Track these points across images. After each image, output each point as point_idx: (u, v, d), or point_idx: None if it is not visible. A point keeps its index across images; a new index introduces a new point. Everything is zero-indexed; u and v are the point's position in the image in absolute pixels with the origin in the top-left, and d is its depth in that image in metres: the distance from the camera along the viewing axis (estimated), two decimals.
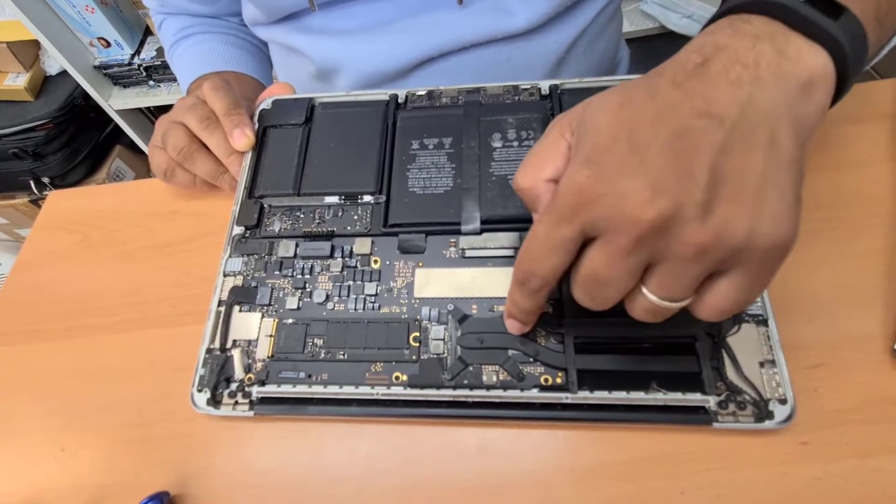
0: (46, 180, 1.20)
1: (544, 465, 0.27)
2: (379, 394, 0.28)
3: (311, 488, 0.28)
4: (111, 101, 1.17)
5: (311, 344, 0.29)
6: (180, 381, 0.30)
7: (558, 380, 0.27)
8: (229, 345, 0.30)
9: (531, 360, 0.27)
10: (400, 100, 0.36)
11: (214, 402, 0.29)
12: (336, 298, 0.30)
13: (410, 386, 0.28)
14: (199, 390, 0.29)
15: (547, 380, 0.27)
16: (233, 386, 0.29)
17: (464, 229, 0.31)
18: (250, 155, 0.36)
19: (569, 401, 0.26)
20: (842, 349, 0.28)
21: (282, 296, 0.31)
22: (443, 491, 0.27)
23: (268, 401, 0.29)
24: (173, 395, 0.31)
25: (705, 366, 0.26)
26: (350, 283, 0.31)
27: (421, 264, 0.31)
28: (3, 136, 1.13)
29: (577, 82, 0.34)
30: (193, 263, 0.37)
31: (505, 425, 0.28)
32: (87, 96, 1.17)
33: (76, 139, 1.20)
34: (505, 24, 0.43)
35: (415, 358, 0.28)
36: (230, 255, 0.33)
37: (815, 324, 0.28)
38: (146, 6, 0.56)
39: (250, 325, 0.30)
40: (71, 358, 0.34)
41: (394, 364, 0.28)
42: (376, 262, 0.31)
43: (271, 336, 0.30)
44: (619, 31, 0.55)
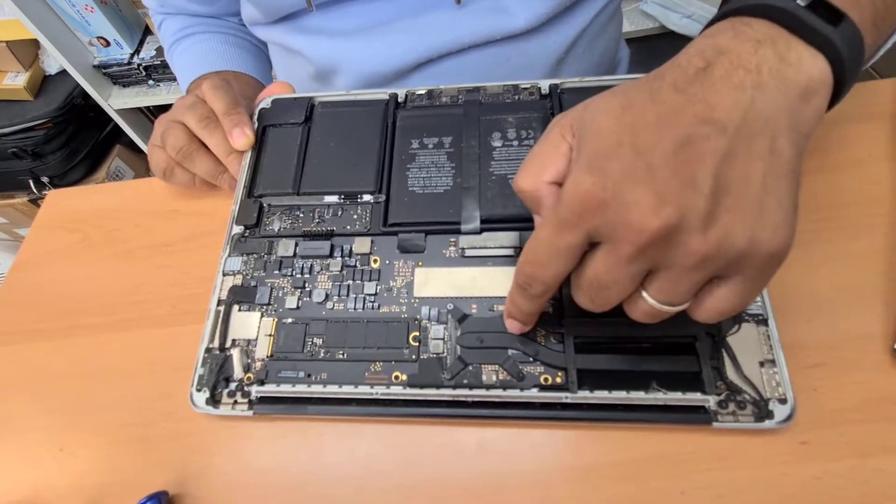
0: (46, 180, 1.20)
1: (544, 465, 0.27)
2: (378, 393, 0.28)
3: (310, 488, 0.28)
4: (111, 101, 1.17)
5: (310, 343, 0.29)
6: (179, 381, 0.30)
7: (558, 379, 0.27)
8: (228, 344, 0.30)
9: (531, 360, 0.27)
10: (400, 99, 0.36)
11: (213, 401, 0.29)
12: (335, 298, 0.30)
13: (410, 385, 0.28)
14: (199, 390, 0.29)
15: (547, 379, 0.27)
16: (232, 385, 0.29)
17: (463, 229, 0.31)
18: (250, 154, 0.36)
19: (568, 400, 0.26)
20: (841, 349, 0.28)
21: (281, 295, 0.31)
22: (442, 491, 0.27)
23: (267, 400, 0.29)
24: (172, 394, 0.31)
25: (705, 365, 0.26)
26: (349, 282, 0.31)
27: (420, 264, 0.31)
28: (2, 135, 1.13)
29: (577, 81, 0.34)
30: (193, 263, 0.37)
31: (504, 425, 0.28)
32: (87, 96, 1.17)
33: (75, 138, 1.20)
34: (504, 25, 0.42)
35: (414, 357, 0.28)
36: (229, 255, 0.33)
37: (815, 323, 0.28)
38: (146, 6, 0.56)
39: (249, 325, 0.30)
40: (70, 357, 0.34)
41: (393, 363, 0.28)
42: (376, 261, 0.31)
43: (270, 335, 0.30)
44: (618, 31, 0.55)
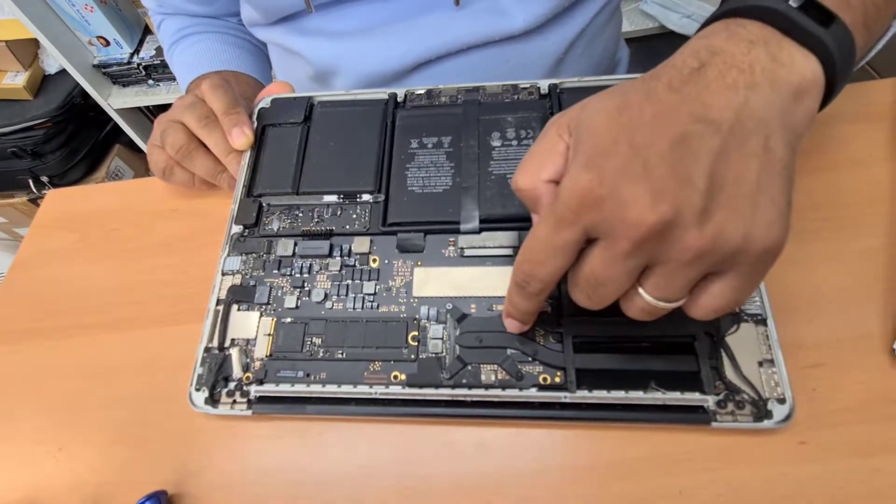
0: (45, 179, 1.20)
1: (543, 465, 0.27)
2: (377, 393, 0.28)
3: (309, 487, 0.28)
4: (110, 100, 1.17)
5: (309, 343, 0.29)
6: (178, 380, 0.30)
7: (557, 379, 0.27)
8: (227, 344, 0.30)
9: (530, 360, 0.27)
10: (399, 99, 0.36)
11: (213, 401, 0.29)
12: (335, 297, 0.30)
13: (409, 385, 0.28)
14: (198, 389, 0.29)
15: (545, 379, 0.27)
16: (231, 385, 0.29)
17: (463, 228, 0.31)
18: (249, 154, 0.36)
19: (567, 400, 0.26)
20: (840, 349, 0.28)
21: (280, 295, 0.31)
22: (441, 490, 0.27)
23: (266, 400, 0.29)
24: (171, 394, 0.31)
25: (704, 365, 0.26)
26: (349, 282, 0.31)
27: (420, 263, 0.31)
28: (1, 134, 1.13)
29: (577, 81, 0.34)
30: (192, 262, 0.37)
31: (503, 424, 0.28)
32: (86, 95, 1.17)
33: (75, 138, 1.20)
34: (502, 26, 0.42)
35: (413, 357, 0.28)
36: (229, 254, 0.33)
37: (814, 323, 0.28)
38: (145, 6, 0.56)
39: (249, 324, 0.30)
40: (69, 356, 0.34)
41: (392, 363, 0.28)
42: (375, 261, 0.31)
43: (270, 335, 0.30)
44: (618, 31, 0.55)
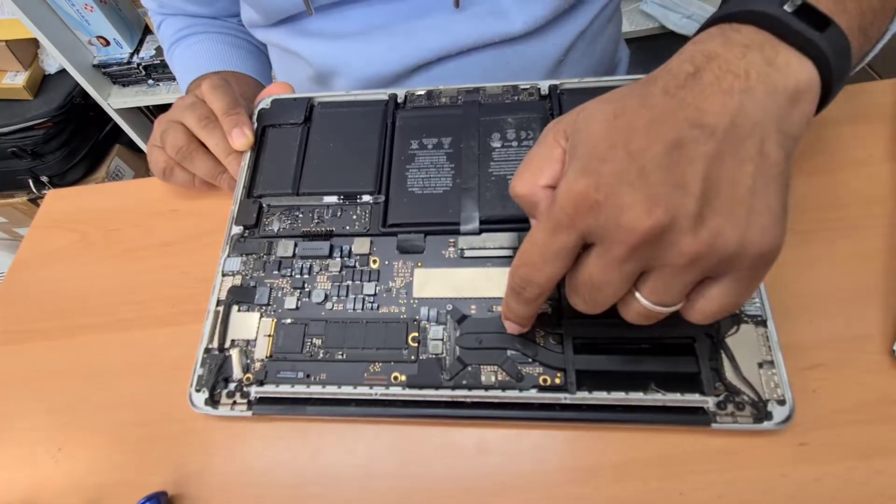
0: (45, 179, 1.20)
1: (543, 466, 0.27)
2: (377, 394, 0.28)
3: (309, 488, 0.28)
4: (110, 100, 1.17)
5: (309, 344, 0.29)
6: (178, 381, 0.30)
7: (557, 380, 0.27)
8: (228, 344, 0.30)
9: (530, 361, 0.27)
10: (399, 100, 0.36)
11: (213, 401, 0.29)
12: (335, 298, 0.30)
13: (409, 386, 0.28)
14: (198, 390, 0.29)
15: (546, 380, 0.27)
16: (231, 386, 0.29)
17: (463, 229, 0.31)
18: (249, 154, 0.36)
19: (567, 401, 0.26)
20: (840, 350, 0.28)
21: (280, 295, 0.31)
22: (441, 491, 0.27)
23: (266, 401, 0.29)
24: (171, 394, 0.31)
25: (704, 366, 0.26)
26: (349, 282, 0.31)
27: (420, 264, 0.31)
28: (1, 134, 1.13)
29: (577, 82, 0.34)
30: (192, 263, 0.37)
31: (503, 426, 0.28)
32: (86, 95, 1.17)
33: (75, 138, 1.20)
34: (502, 28, 0.42)
35: (413, 358, 0.28)
36: (229, 255, 0.33)
37: (814, 324, 0.28)
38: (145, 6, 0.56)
39: (249, 325, 0.30)
40: (69, 357, 0.34)
41: (392, 364, 0.28)
42: (375, 261, 0.31)
43: (270, 336, 0.30)
44: (618, 32, 0.55)
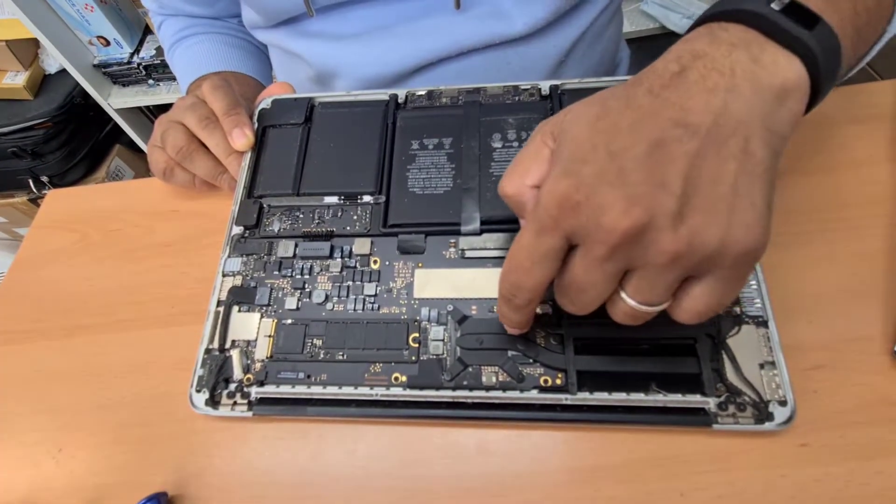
0: (45, 179, 1.20)
1: (543, 467, 0.27)
2: (378, 395, 0.28)
3: (309, 489, 0.28)
4: (110, 100, 1.17)
5: (310, 344, 0.29)
6: (179, 381, 0.30)
7: (558, 381, 0.27)
8: (228, 345, 0.30)
9: (531, 361, 0.27)
10: (400, 100, 0.36)
11: (213, 402, 0.29)
12: (335, 299, 0.30)
13: (410, 387, 0.28)
14: (198, 390, 0.29)
15: (546, 381, 0.27)
16: (231, 386, 0.29)
17: (463, 230, 0.31)
18: (249, 155, 0.36)
19: (568, 402, 0.26)
20: (842, 350, 0.28)
21: (281, 296, 0.31)
22: (442, 492, 0.27)
23: (266, 401, 0.29)
24: (172, 395, 0.31)
25: (705, 367, 0.26)
26: (349, 283, 0.31)
27: (420, 265, 0.31)
28: (1, 134, 1.13)
29: (578, 83, 0.34)
30: (192, 263, 0.37)
31: (504, 426, 0.28)
32: (87, 95, 1.17)
33: (75, 138, 1.20)
34: (503, 29, 0.42)
35: (414, 359, 0.28)
36: (229, 255, 0.33)
37: (815, 325, 0.28)
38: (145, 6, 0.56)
39: (249, 326, 0.30)
40: (69, 357, 0.34)
41: (393, 365, 0.28)
42: (376, 262, 0.31)
43: (270, 336, 0.30)
44: (619, 33, 0.55)
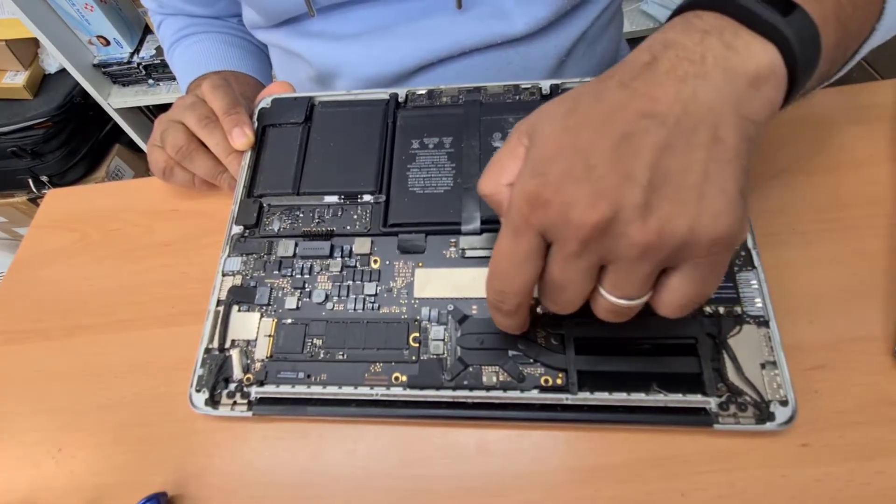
0: (45, 179, 1.20)
1: (544, 467, 0.27)
2: (378, 394, 0.28)
3: (309, 489, 0.28)
4: (110, 100, 1.17)
5: (310, 344, 0.29)
6: (178, 381, 0.30)
7: (558, 381, 0.27)
8: (228, 345, 0.30)
9: (531, 361, 0.27)
10: (400, 99, 0.36)
11: (213, 402, 0.29)
12: (335, 298, 0.30)
13: (410, 387, 0.28)
14: (198, 390, 0.29)
15: (547, 381, 0.27)
16: (231, 386, 0.29)
17: (464, 229, 0.30)
18: (249, 154, 0.36)
19: (569, 402, 0.26)
20: (843, 350, 0.28)
21: (281, 296, 0.31)
22: (442, 492, 0.27)
23: (266, 401, 0.29)
24: (171, 394, 0.31)
25: (706, 367, 0.26)
26: (349, 282, 0.31)
27: (421, 264, 0.30)
28: (1, 134, 1.13)
29: (579, 82, 0.34)
30: (192, 263, 0.37)
31: (505, 426, 0.28)
32: (86, 95, 1.17)
33: (75, 138, 1.20)
34: (504, 29, 0.42)
35: (414, 358, 0.28)
36: (229, 255, 0.33)
37: (816, 325, 0.28)
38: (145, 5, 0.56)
39: (249, 325, 0.30)
40: (69, 357, 0.34)
41: (393, 364, 0.28)
42: (376, 261, 0.31)
43: (270, 336, 0.30)
44: (619, 32, 0.55)
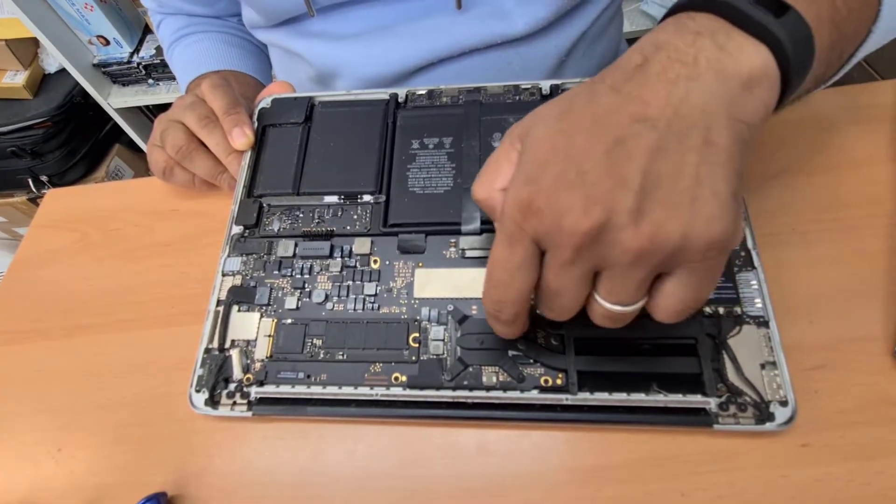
0: (45, 178, 1.20)
1: (544, 467, 0.27)
2: (378, 394, 0.28)
3: (309, 489, 0.28)
4: (110, 100, 1.17)
5: (310, 344, 0.29)
6: (178, 381, 0.30)
7: (558, 381, 0.27)
8: (228, 345, 0.30)
9: (531, 361, 0.27)
10: (400, 99, 0.36)
11: (213, 402, 0.29)
12: (335, 298, 0.30)
13: (410, 387, 0.28)
14: (198, 390, 0.29)
15: (547, 381, 0.27)
16: (231, 386, 0.29)
17: (464, 229, 0.30)
18: (249, 154, 0.36)
19: (569, 402, 0.26)
20: (842, 350, 0.27)
21: (281, 296, 0.31)
22: (442, 492, 0.27)
23: (266, 401, 0.29)
24: (171, 395, 0.31)
25: (706, 367, 0.26)
26: (349, 283, 0.31)
27: (421, 264, 0.30)
28: (1, 133, 1.13)
29: (579, 82, 0.34)
30: (192, 263, 0.37)
31: (505, 426, 0.28)
32: (86, 94, 1.17)
33: (75, 137, 1.20)
34: (504, 29, 0.42)
35: (414, 359, 0.28)
36: (229, 255, 0.33)
37: (816, 325, 0.28)
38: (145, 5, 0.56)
39: (249, 325, 0.30)
40: (68, 357, 0.34)
41: (393, 365, 0.28)
42: (376, 262, 0.31)
43: (270, 336, 0.30)
44: (619, 32, 0.55)
